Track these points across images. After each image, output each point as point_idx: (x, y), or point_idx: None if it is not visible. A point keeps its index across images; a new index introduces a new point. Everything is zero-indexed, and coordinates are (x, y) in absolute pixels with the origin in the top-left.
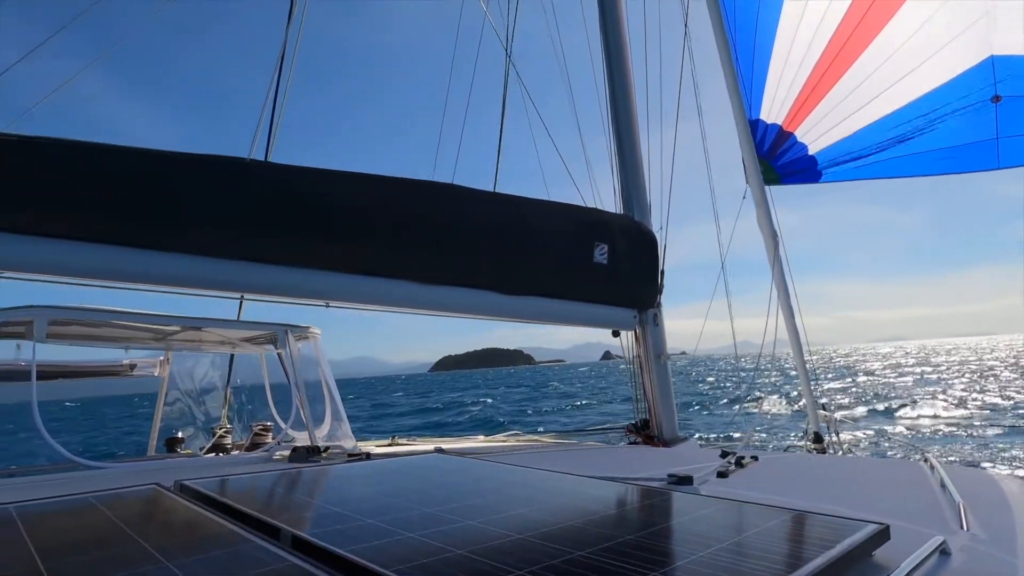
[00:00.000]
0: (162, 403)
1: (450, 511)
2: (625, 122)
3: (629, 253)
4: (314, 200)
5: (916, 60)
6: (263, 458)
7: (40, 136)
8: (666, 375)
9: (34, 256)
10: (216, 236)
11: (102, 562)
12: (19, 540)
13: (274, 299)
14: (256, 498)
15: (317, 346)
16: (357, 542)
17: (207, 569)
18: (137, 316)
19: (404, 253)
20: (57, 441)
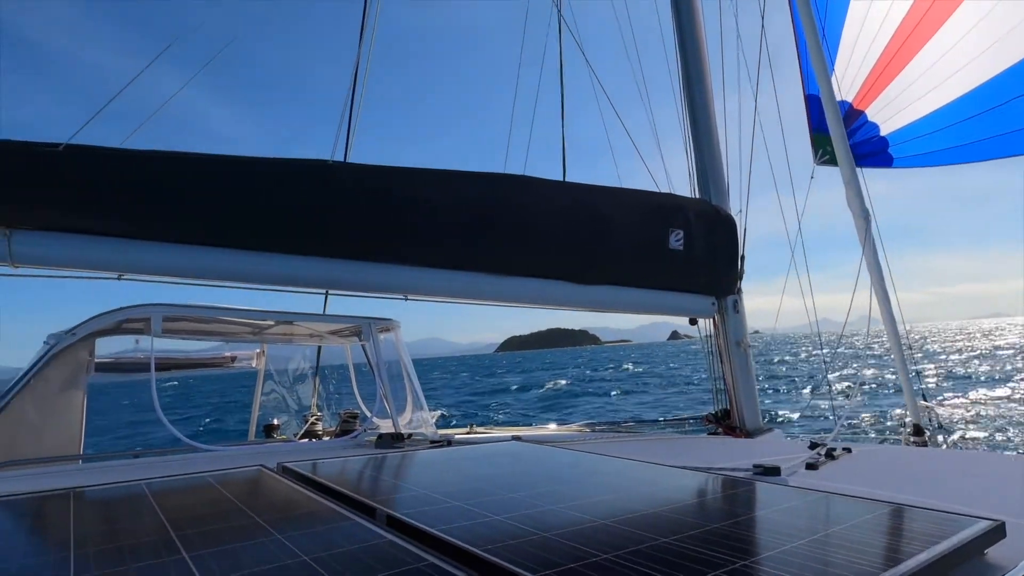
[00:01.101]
0: (259, 392)
1: (532, 496)
2: (700, 102)
3: (706, 238)
4: (391, 198)
5: (1000, 32)
6: (352, 443)
7: (154, 151)
8: (747, 363)
9: (151, 260)
10: (304, 236)
11: (222, 533)
12: (153, 511)
13: (356, 294)
14: (350, 480)
15: (398, 337)
16: (446, 522)
17: (313, 542)
18: (237, 312)
19: (478, 246)
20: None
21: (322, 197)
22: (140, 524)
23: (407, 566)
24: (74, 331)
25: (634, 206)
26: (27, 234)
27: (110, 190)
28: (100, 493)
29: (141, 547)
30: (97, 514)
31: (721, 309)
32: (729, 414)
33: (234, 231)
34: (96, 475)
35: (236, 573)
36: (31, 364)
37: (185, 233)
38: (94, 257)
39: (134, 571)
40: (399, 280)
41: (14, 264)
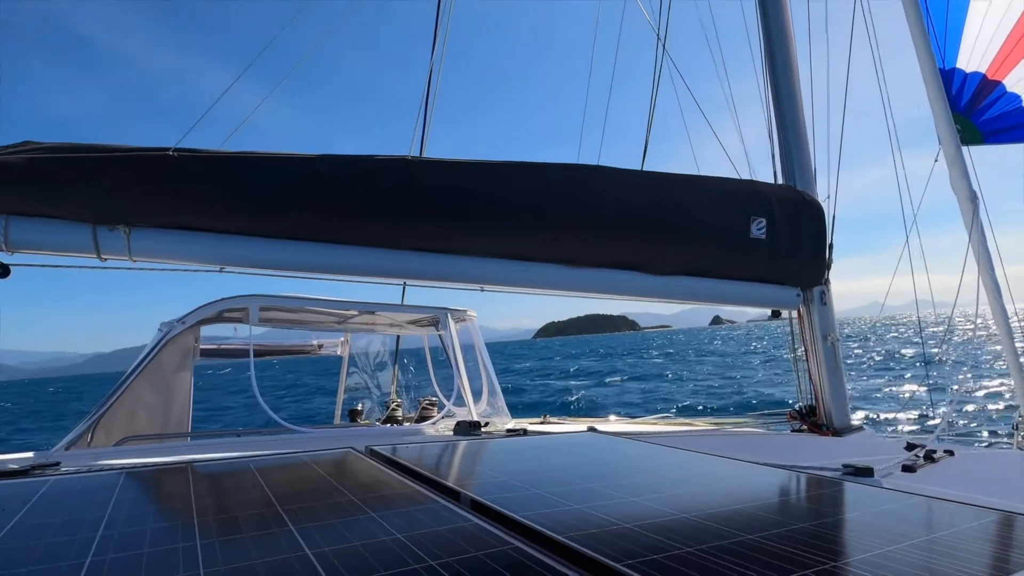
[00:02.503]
0: (344, 379)
1: (611, 487)
2: (784, 81)
3: (791, 226)
4: (467, 191)
5: None
6: (431, 430)
7: (251, 152)
8: (835, 358)
9: (249, 254)
10: (385, 230)
11: (321, 509)
12: (259, 486)
13: (433, 284)
14: (434, 464)
15: (474, 327)
16: (529, 509)
17: (404, 522)
18: (324, 303)
19: (554, 237)
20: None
21: (402, 192)
22: (248, 497)
23: (492, 548)
24: (184, 319)
25: (713, 194)
26: (143, 231)
27: (213, 190)
28: (212, 467)
29: (253, 518)
30: (211, 486)
31: (807, 301)
32: (815, 411)
33: (321, 226)
34: (204, 451)
35: (338, 547)
36: (148, 349)
37: (278, 228)
38: (199, 252)
39: (250, 540)
40: (475, 271)
41: (132, 259)
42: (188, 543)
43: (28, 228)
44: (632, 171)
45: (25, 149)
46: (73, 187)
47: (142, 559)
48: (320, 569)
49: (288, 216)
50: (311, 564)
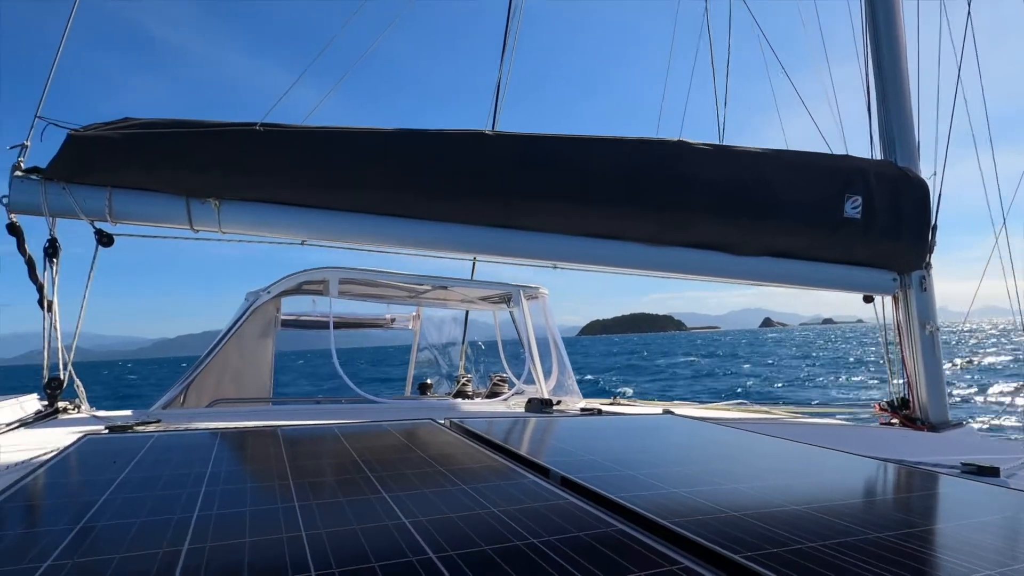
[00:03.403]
0: (415, 352)
1: (705, 472)
2: (888, 49)
3: (890, 206)
4: (542, 165)
5: None
6: (502, 405)
7: (331, 127)
8: (933, 348)
9: (328, 227)
10: (460, 204)
11: (411, 477)
12: (347, 452)
13: (506, 260)
14: (516, 439)
15: (545, 305)
16: (624, 490)
17: (495, 494)
18: (398, 276)
19: (632, 214)
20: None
21: (477, 166)
22: (339, 462)
23: (594, 529)
24: (268, 289)
25: (803, 170)
26: (231, 204)
27: (295, 163)
28: (300, 432)
29: (345, 483)
30: (302, 450)
31: (904, 286)
32: (907, 404)
33: (398, 200)
34: (287, 416)
35: (434, 517)
36: (234, 318)
37: (356, 202)
38: (282, 224)
39: (345, 504)
40: (549, 248)
41: (221, 230)
42: (286, 504)
43: (129, 200)
44: (717, 146)
45: (125, 125)
46: (169, 162)
47: (245, 517)
48: (420, 540)
49: (366, 190)
50: (411, 534)
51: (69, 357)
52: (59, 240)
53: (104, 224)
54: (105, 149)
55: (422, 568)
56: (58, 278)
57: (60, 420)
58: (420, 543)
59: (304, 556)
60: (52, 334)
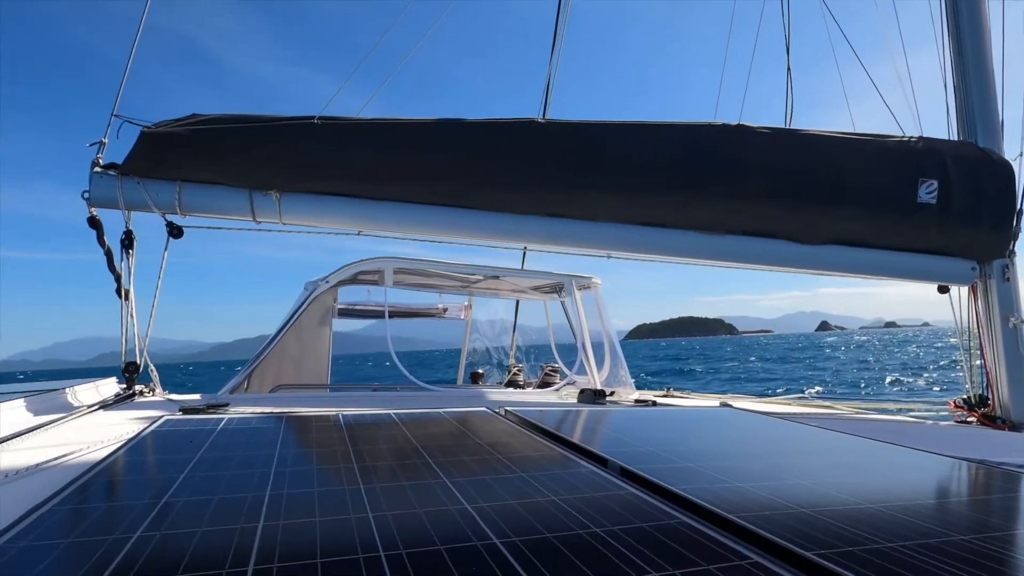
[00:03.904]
0: (467, 342)
1: (768, 468)
2: (969, 19)
3: (970, 189)
4: (595, 152)
5: None
6: (554, 396)
7: (386, 119)
8: (1017, 342)
9: (383, 217)
10: (512, 193)
11: (470, 464)
12: (406, 438)
13: (558, 250)
14: (571, 429)
15: (598, 295)
16: (685, 482)
17: (555, 483)
18: (450, 266)
19: (688, 201)
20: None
21: (529, 154)
22: (399, 448)
23: (658, 521)
24: (327, 279)
25: (872, 153)
26: (291, 196)
27: (351, 156)
28: (360, 418)
29: (406, 468)
30: (363, 435)
31: (984, 275)
32: (986, 401)
33: (451, 190)
34: (345, 402)
35: (495, 503)
36: (294, 307)
37: (411, 192)
38: (339, 214)
39: (408, 488)
40: (602, 237)
41: (282, 221)
42: (352, 486)
43: (197, 193)
44: (778, 129)
45: (193, 121)
46: (232, 156)
47: (313, 497)
48: (484, 525)
49: (419, 180)
50: (473, 519)
51: (144, 343)
52: (134, 232)
53: (174, 216)
54: (174, 145)
55: (487, 553)
56: (134, 268)
57: (137, 403)
58: (484, 528)
59: (372, 537)
60: (129, 321)
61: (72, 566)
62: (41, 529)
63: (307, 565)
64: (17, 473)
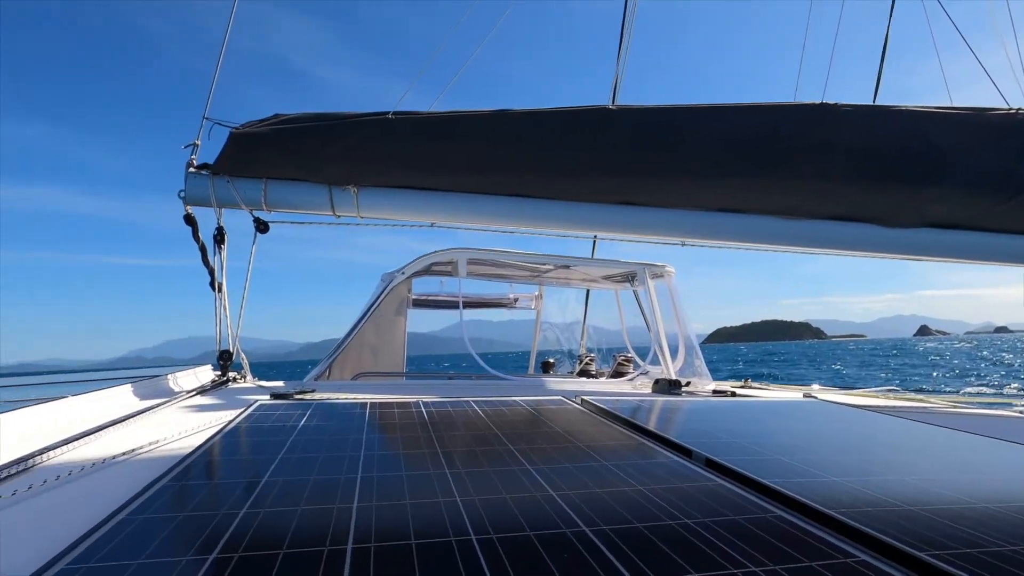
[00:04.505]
0: (538, 331)
1: (865, 462)
2: None
3: None
4: (669, 137)
5: None
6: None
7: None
8: None
9: (456, 209)
10: (584, 181)
11: (552, 452)
12: (487, 426)
13: (631, 238)
14: (650, 418)
15: (672, 283)
16: (777, 475)
17: (640, 473)
18: (522, 256)
19: (765, 185)
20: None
21: (601, 141)
22: (480, 434)
23: (752, 514)
24: (403, 270)
25: (972, 127)
26: (368, 190)
27: (424, 149)
28: (440, 405)
29: (489, 454)
30: (444, 421)
31: None
32: None
33: (522, 180)
34: (423, 390)
35: (581, 491)
36: (372, 298)
37: (482, 184)
38: (414, 207)
39: (493, 474)
40: (677, 224)
41: (360, 215)
42: (438, 470)
43: (281, 190)
44: (866, 106)
45: (276, 121)
46: (312, 153)
47: (402, 480)
48: (571, 512)
49: (490, 171)
50: (560, 506)
51: (236, 333)
52: (225, 228)
53: (260, 212)
54: (260, 144)
55: (577, 540)
56: (226, 262)
57: (230, 388)
58: (571, 515)
59: (462, 520)
60: (221, 312)
61: (190, 537)
62: (159, 502)
63: (402, 546)
64: (132, 451)
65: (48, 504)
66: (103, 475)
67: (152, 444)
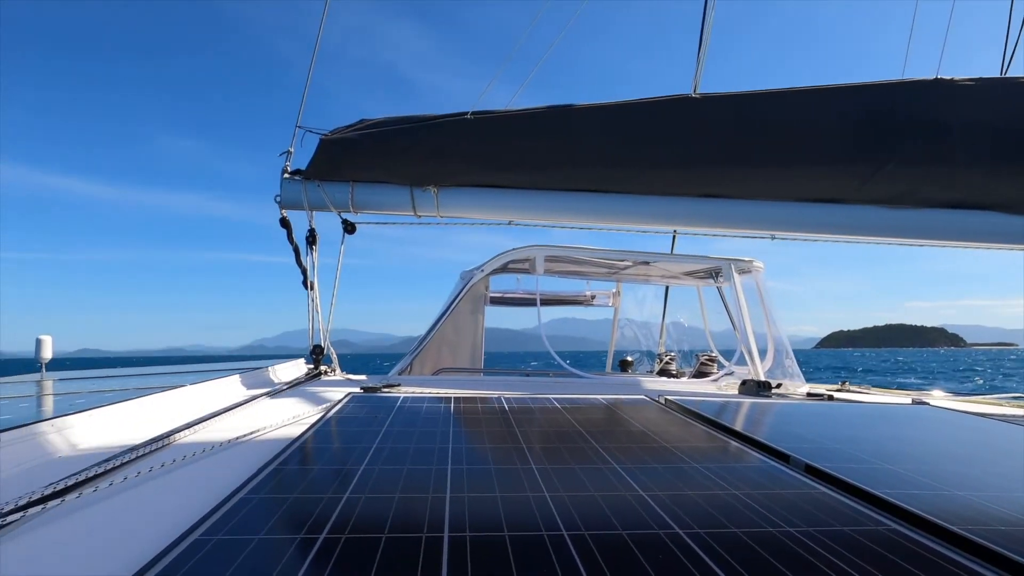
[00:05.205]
0: (616, 329)
1: (990, 475)
2: None
3: None
4: (757, 125)
5: None
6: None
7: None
8: None
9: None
10: (666, 175)
11: (638, 452)
12: (569, 423)
13: (716, 231)
14: (741, 421)
15: (759, 280)
16: (887, 485)
17: (733, 476)
18: (600, 252)
19: (866, 172)
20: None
21: (683, 133)
22: (563, 431)
23: (862, 526)
24: (482, 268)
25: None
26: (447, 190)
27: (502, 147)
28: (521, 401)
29: (574, 451)
30: (526, 417)
31: None
32: None
33: (601, 175)
34: (502, 386)
35: (672, 493)
36: (451, 296)
37: (560, 180)
38: (492, 205)
39: (579, 471)
40: (764, 216)
41: (440, 215)
42: (525, 466)
43: (366, 192)
44: (990, 79)
45: (362, 126)
46: (394, 155)
47: (491, 474)
48: (663, 514)
49: (568, 167)
50: (651, 507)
51: (327, 329)
52: (316, 230)
53: (348, 214)
54: (346, 149)
55: (672, 543)
56: (317, 262)
57: (323, 381)
58: (663, 517)
59: (552, 515)
60: (313, 310)
61: (301, 517)
62: (272, 484)
63: (495, 537)
64: (243, 437)
65: (178, 480)
66: (221, 456)
67: (260, 430)
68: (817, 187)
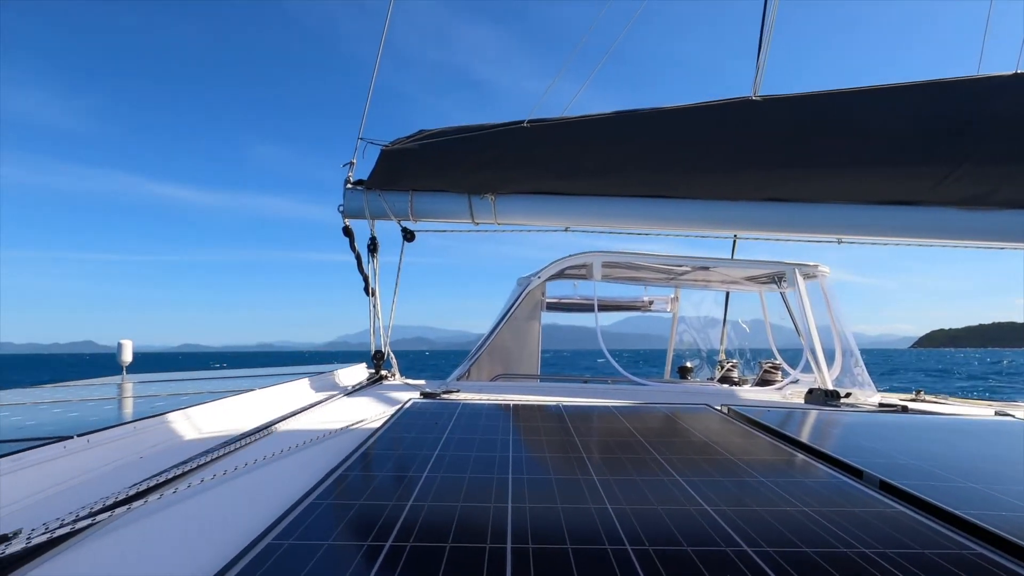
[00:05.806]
0: (674, 335)
1: None
2: None
3: None
4: (821, 126)
5: None
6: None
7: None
8: None
9: (590, 213)
10: (726, 179)
11: (701, 463)
12: (629, 432)
13: (779, 236)
14: (808, 432)
15: (825, 285)
16: (973, 506)
17: (803, 492)
18: (658, 258)
19: (940, 173)
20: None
21: (743, 136)
22: (624, 441)
23: (944, 549)
24: (539, 274)
25: None
26: (505, 198)
27: (559, 154)
28: (581, 409)
29: (635, 462)
30: (585, 426)
31: None
32: None
33: (659, 180)
34: (559, 392)
35: (738, 508)
36: (508, 302)
37: (618, 186)
38: (549, 212)
39: (641, 483)
40: (830, 219)
41: (497, 222)
42: (586, 476)
43: (425, 201)
44: None
45: (421, 137)
46: (452, 165)
47: (551, 484)
48: (729, 530)
49: (626, 172)
50: (716, 521)
51: (387, 335)
52: (378, 238)
53: (407, 223)
54: (406, 159)
55: (741, 561)
56: (378, 269)
57: (384, 385)
58: (730, 533)
59: (615, 528)
60: (374, 316)
61: (367, 523)
62: (339, 490)
63: (559, 550)
64: (309, 441)
65: (250, 483)
66: (289, 460)
67: (326, 434)
68: (887, 188)
